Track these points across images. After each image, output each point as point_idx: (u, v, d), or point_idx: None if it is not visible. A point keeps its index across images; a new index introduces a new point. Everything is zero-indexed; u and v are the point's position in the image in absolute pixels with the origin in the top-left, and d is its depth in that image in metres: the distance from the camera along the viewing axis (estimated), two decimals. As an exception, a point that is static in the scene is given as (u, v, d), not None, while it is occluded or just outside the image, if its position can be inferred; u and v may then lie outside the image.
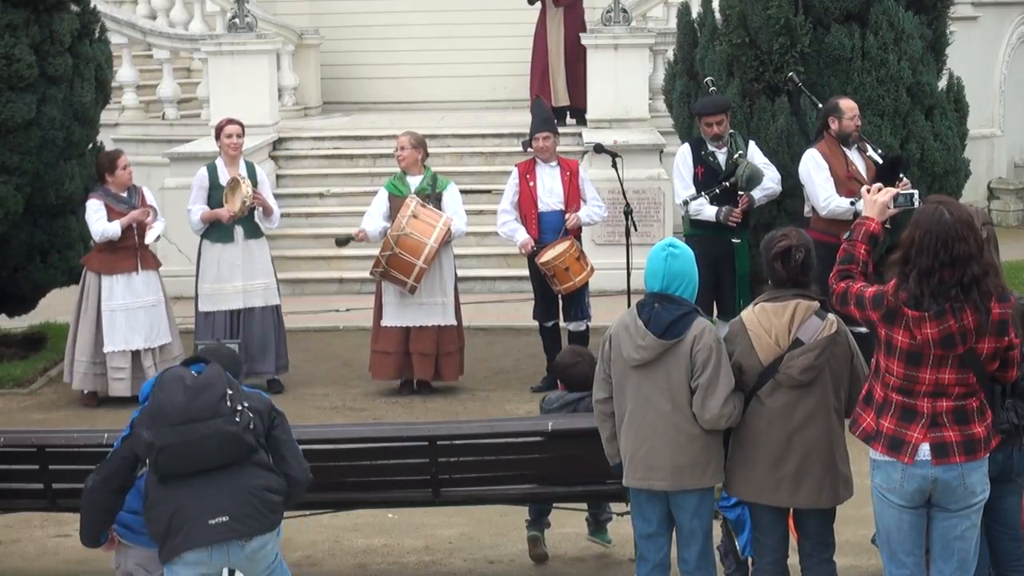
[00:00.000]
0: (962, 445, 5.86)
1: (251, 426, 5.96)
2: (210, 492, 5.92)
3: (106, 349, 11.17)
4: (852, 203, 10.27)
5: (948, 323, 5.75)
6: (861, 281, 6.04)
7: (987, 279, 5.76)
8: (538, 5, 17.16)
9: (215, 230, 11.37)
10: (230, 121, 11.59)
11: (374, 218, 11.23)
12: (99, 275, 11.18)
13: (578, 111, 16.83)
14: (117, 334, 11.14)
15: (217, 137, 11.60)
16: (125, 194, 11.17)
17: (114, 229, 11.00)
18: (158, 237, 11.28)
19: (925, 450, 5.87)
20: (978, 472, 5.92)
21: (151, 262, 11.30)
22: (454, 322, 11.37)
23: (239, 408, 5.94)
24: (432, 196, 11.22)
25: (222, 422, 5.87)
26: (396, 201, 11.18)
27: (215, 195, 11.33)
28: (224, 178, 11.34)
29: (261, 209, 11.40)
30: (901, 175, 10.06)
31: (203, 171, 11.47)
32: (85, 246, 11.95)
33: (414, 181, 11.32)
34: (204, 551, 5.93)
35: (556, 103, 16.69)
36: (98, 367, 11.27)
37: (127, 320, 11.14)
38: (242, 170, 11.45)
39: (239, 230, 11.38)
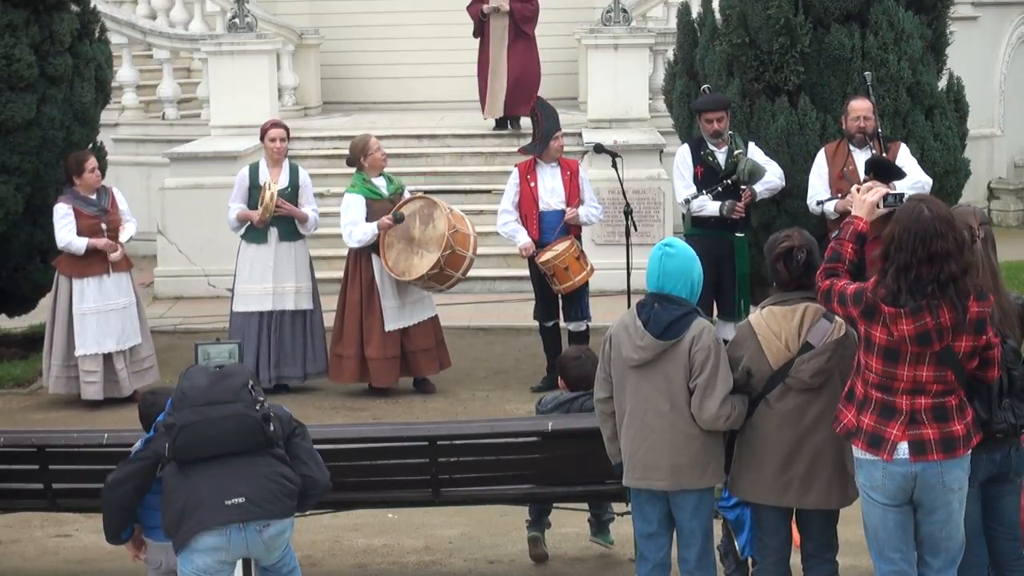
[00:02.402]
0: (940, 443, 5.88)
1: (270, 419, 6.05)
2: (227, 476, 5.98)
3: (77, 352, 11.12)
4: (819, 203, 10.39)
5: (924, 320, 5.77)
6: (846, 279, 6.05)
7: (965, 277, 5.79)
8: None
9: (251, 230, 11.35)
10: (275, 124, 11.57)
11: (359, 224, 11.05)
12: (70, 278, 11.13)
13: (514, 118, 16.39)
14: (88, 337, 11.09)
15: (261, 139, 11.50)
16: (94, 196, 11.13)
17: (79, 245, 10.95)
18: (129, 238, 11.23)
19: (903, 448, 5.89)
20: (958, 469, 5.94)
21: (122, 264, 11.23)
22: (436, 312, 11.42)
23: (261, 399, 6.07)
24: (402, 194, 11.24)
25: (243, 406, 5.99)
26: (375, 205, 11.06)
27: (254, 195, 11.29)
28: (264, 179, 11.29)
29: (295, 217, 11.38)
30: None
31: (244, 170, 11.45)
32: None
33: (381, 183, 11.27)
34: (221, 535, 5.95)
35: (493, 114, 16.36)
36: (71, 370, 11.23)
37: (98, 323, 11.08)
38: (285, 172, 11.38)
39: (273, 231, 11.34)
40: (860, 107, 10.44)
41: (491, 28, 16.24)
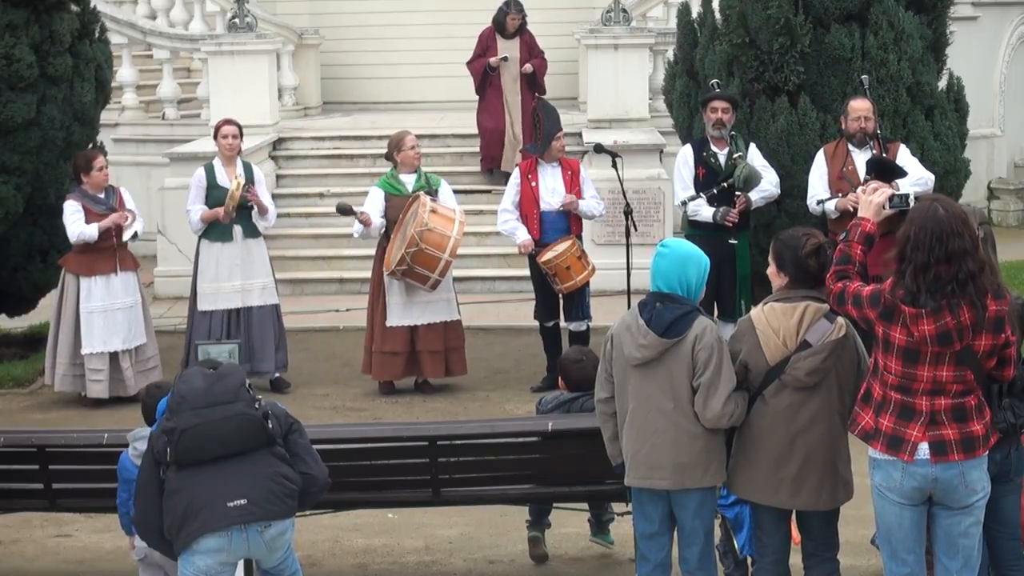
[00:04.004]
0: (960, 443, 5.87)
1: (269, 417, 6.05)
2: (228, 478, 5.96)
3: (84, 351, 11.15)
4: (819, 202, 10.38)
5: (945, 319, 5.76)
6: (857, 281, 6.05)
7: (982, 275, 5.77)
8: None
9: (214, 229, 11.37)
10: (227, 122, 11.62)
11: (373, 216, 11.20)
12: (77, 276, 11.15)
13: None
14: (95, 336, 11.11)
15: (215, 137, 11.62)
16: (102, 195, 11.15)
17: (91, 232, 10.97)
18: (135, 235, 11.25)
19: (924, 449, 5.88)
20: (978, 469, 5.93)
21: (129, 263, 11.27)
22: (459, 317, 11.42)
23: (258, 397, 6.08)
24: (429, 193, 11.25)
25: (243, 405, 5.99)
26: (395, 200, 11.16)
27: (213, 195, 11.33)
28: (221, 178, 11.35)
29: (256, 208, 11.40)
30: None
31: (200, 171, 11.49)
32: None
33: (409, 179, 11.31)
34: (223, 536, 5.94)
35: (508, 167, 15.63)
36: (77, 368, 11.25)
37: (105, 321, 11.10)
38: (239, 170, 11.44)
39: (238, 229, 11.38)
40: (861, 107, 10.44)
41: (502, 81, 15.74)
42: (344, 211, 11.12)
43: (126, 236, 11.15)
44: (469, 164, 16.12)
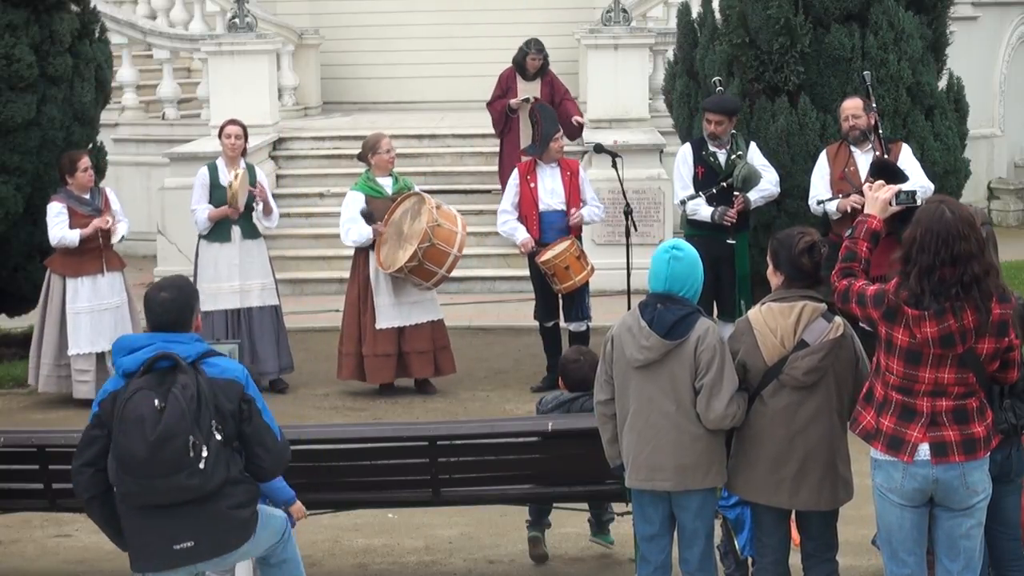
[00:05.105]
0: (961, 445, 5.87)
1: (215, 474, 5.79)
2: (177, 521, 5.87)
3: (71, 352, 11.15)
4: (819, 202, 10.38)
5: (948, 322, 5.75)
6: (863, 279, 6.04)
7: (988, 279, 5.76)
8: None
9: (213, 230, 11.38)
10: (231, 122, 11.64)
11: (358, 223, 11.08)
12: (63, 277, 11.15)
13: None
14: (82, 336, 11.11)
15: (219, 136, 11.64)
16: (87, 196, 11.15)
17: (72, 237, 10.97)
18: (122, 238, 11.27)
19: (924, 450, 5.87)
20: (979, 471, 5.92)
21: (116, 263, 11.28)
22: (442, 316, 11.40)
23: (203, 455, 5.73)
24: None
25: (184, 476, 5.73)
26: (375, 203, 11.10)
27: (216, 194, 11.33)
28: (224, 177, 11.37)
29: (261, 207, 11.40)
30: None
31: (204, 170, 11.51)
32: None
33: (386, 182, 11.28)
34: (171, 571, 5.99)
35: None
36: (63, 369, 11.26)
37: (92, 322, 11.12)
38: (242, 169, 11.45)
39: (236, 230, 11.38)
40: (849, 106, 10.49)
41: (521, 124, 15.05)
42: (367, 216, 11.02)
43: (114, 240, 11.15)
44: (469, 164, 16.12)
